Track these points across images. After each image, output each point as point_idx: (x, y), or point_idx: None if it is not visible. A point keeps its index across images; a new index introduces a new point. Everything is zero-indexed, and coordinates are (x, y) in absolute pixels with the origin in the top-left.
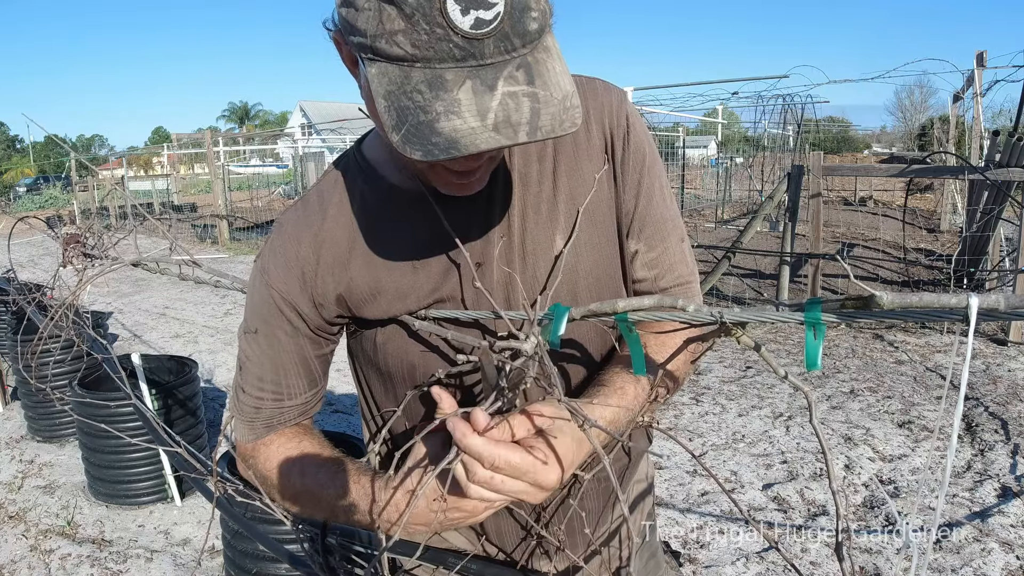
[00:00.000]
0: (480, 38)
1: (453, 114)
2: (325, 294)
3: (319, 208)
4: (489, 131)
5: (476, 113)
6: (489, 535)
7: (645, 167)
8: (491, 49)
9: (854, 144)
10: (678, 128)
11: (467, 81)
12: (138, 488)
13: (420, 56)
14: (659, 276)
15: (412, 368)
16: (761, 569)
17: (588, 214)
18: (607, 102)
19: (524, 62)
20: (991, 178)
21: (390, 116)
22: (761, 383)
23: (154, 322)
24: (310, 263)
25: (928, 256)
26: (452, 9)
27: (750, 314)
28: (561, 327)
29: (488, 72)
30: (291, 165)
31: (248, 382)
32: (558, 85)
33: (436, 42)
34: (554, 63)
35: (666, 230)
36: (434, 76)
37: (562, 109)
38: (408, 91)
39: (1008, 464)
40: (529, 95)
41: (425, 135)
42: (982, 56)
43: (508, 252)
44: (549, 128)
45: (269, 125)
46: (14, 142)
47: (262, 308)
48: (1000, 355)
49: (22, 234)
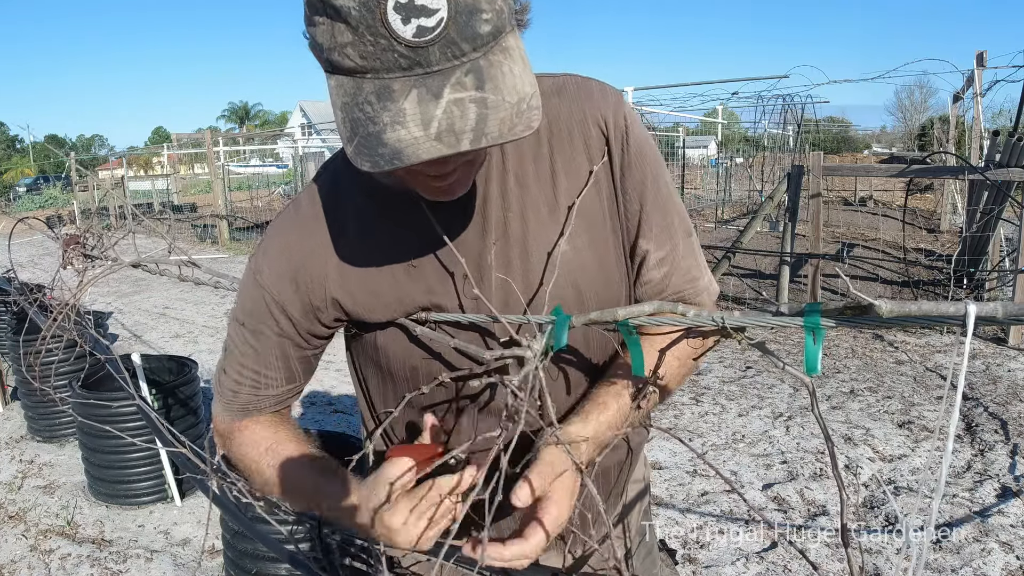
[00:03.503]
0: (424, 46)
1: (399, 124)
2: (321, 298)
3: (312, 211)
4: (431, 140)
5: (420, 123)
6: (491, 530)
7: (647, 166)
8: (437, 56)
9: (854, 144)
10: (678, 128)
11: (413, 91)
12: (138, 488)
13: (368, 67)
14: (669, 274)
15: (414, 371)
16: (761, 569)
17: (588, 216)
18: (603, 104)
19: (475, 66)
20: (991, 178)
21: (345, 128)
22: (761, 383)
23: (154, 322)
24: (304, 267)
25: (928, 256)
26: (393, 19)
27: (750, 318)
28: (564, 335)
29: (435, 80)
30: (291, 165)
31: (231, 365)
32: (513, 88)
33: (381, 52)
34: (511, 65)
35: (673, 227)
36: (382, 87)
37: (515, 113)
38: (360, 102)
39: (1008, 464)
40: (476, 100)
41: (373, 146)
42: (982, 56)
43: (507, 253)
44: (497, 134)
45: (269, 125)
46: (14, 142)
47: (251, 305)
48: (1000, 355)
49: (22, 234)
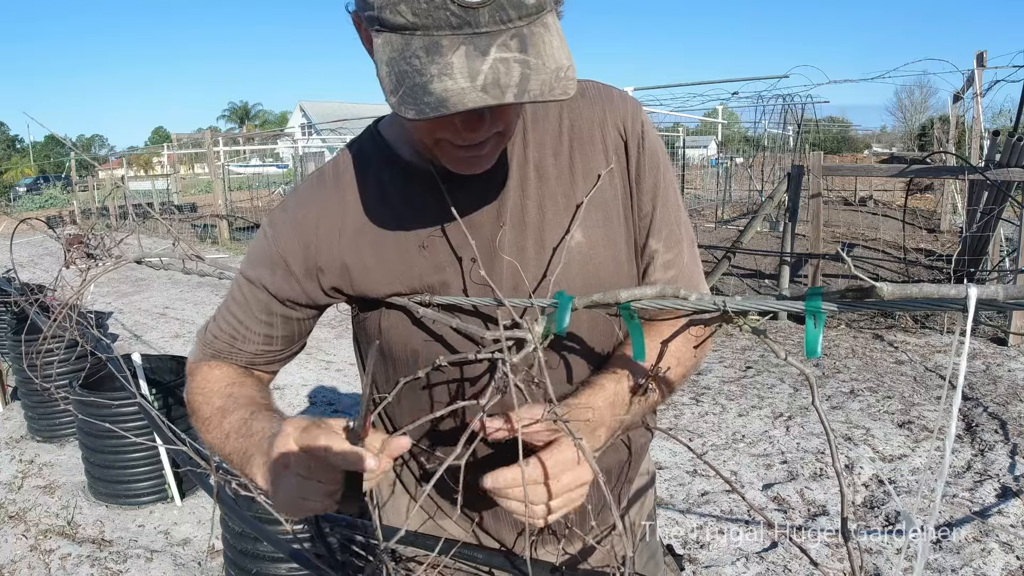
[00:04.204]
0: (476, 7)
1: (446, 76)
2: (327, 260)
3: (334, 180)
4: (477, 91)
5: (467, 75)
6: (488, 527)
7: (660, 172)
8: (486, 18)
9: (854, 144)
10: (678, 128)
11: (461, 47)
12: (138, 488)
13: (420, 24)
14: (675, 278)
15: (415, 355)
16: (761, 569)
17: (605, 211)
18: (623, 108)
19: (519, 33)
20: (991, 178)
21: (390, 80)
22: (761, 383)
23: (154, 322)
24: (317, 228)
25: (928, 256)
26: None
27: (752, 303)
28: (566, 317)
29: (482, 39)
30: (291, 165)
31: (222, 315)
32: (552, 57)
33: (434, 10)
34: (551, 38)
35: (680, 234)
36: (431, 43)
37: (554, 78)
38: (407, 56)
39: (1008, 464)
40: (520, 61)
41: (419, 95)
42: (982, 56)
43: (521, 241)
44: (538, 92)
45: (269, 125)
46: (14, 142)
47: (256, 256)
48: (1000, 355)
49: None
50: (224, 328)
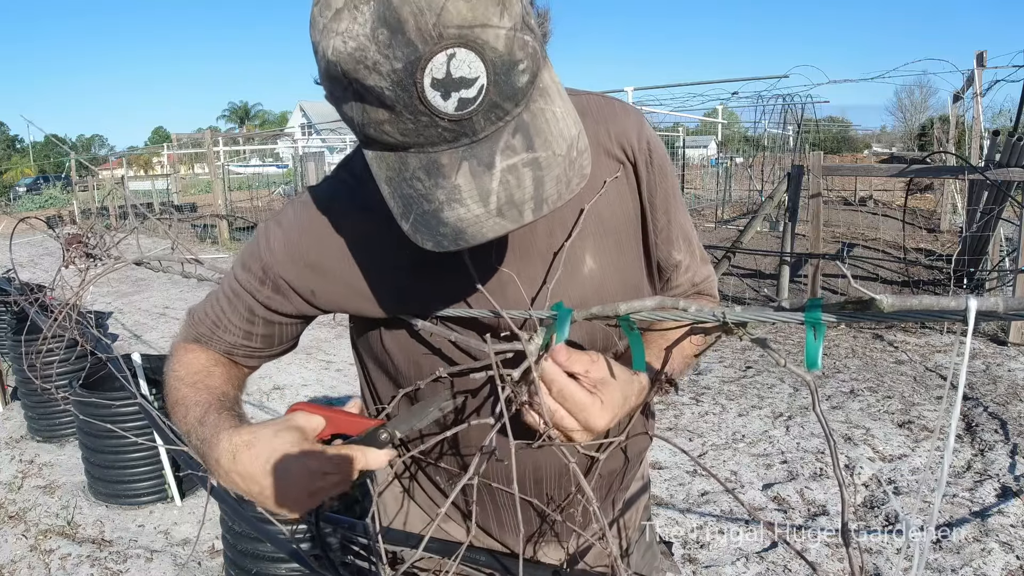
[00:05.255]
0: (468, 117)
1: (456, 202)
2: (322, 286)
3: (328, 200)
4: (494, 217)
5: (478, 198)
6: (490, 529)
7: (668, 182)
8: (482, 124)
9: (854, 144)
10: (678, 128)
11: (463, 163)
12: (138, 488)
13: (411, 143)
14: (691, 278)
15: (418, 367)
16: (761, 569)
17: (616, 234)
18: (627, 123)
19: (520, 123)
20: (991, 178)
21: (396, 204)
22: (761, 383)
23: (154, 322)
24: (310, 254)
25: (928, 256)
26: (432, 96)
27: (751, 314)
28: (566, 328)
29: (483, 148)
30: (291, 165)
31: (208, 300)
32: (560, 136)
33: (424, 128)
34: (554, 107)
35: (690, 235)
36: (430, 161)
37: (567, 166)
38: (408, 178)
39: (1008, 464)
40: (530, 163)
41: (432, 225)
42: (982, 56)
43: (530, 270)
44: (556, 196)
45: (269, 125)
46: (14, 142)
47: (251, 266)
48: (1000, 355)
49: (22, 234)
50: (208, 314)
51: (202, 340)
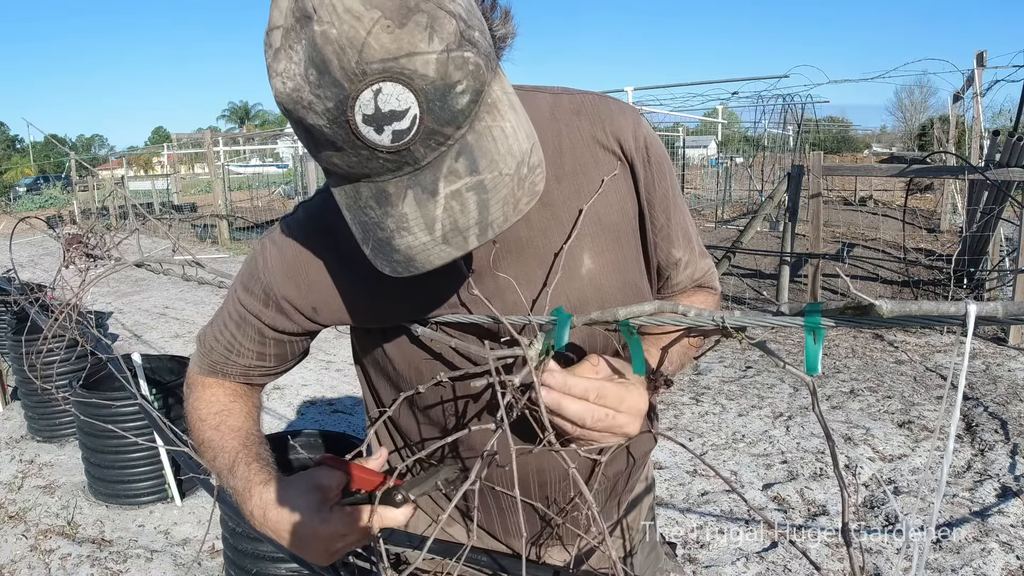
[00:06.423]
0: (406, 147)
1: (404, 230)
2: (323, 302)
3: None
4: (440, 244)
5: (424, 226)
6: (496, 532)
7: (667, 180)
8: (422, 152)
9: (854, 144)
10: (678, 128)
11: (408, 192)
12: (138, 488)
13: (360, 173)
14: (691, 274)
15: (419, 373)
16: (761, 569)
17: (614, 233)
18: (623, 122)
19: (464, 145)
20: (991, 178)
21: (357, 230)
22: (761, 383)
23: (154, 322)
24: (308, 273)
25: (928, 256)
26: (366, 131)
27: (750, 318)
28: (565, 333)
29: (426, 175)
30: (291, 165)
31: (216, 324)
32: (508, 153)
33: (367, 161)
34: (503, 123)
35: (689, 231)
36: (378, 191)
37: (516, 184)
38: (362, 206)
39: (1008, 464)
40: (474, 187)
41: (387, 252)
42: (982, 56)
43: (529, 272)
44: (502, 219)
45: (269, 125)
46: (14, 142)
47: (252, 287)
48: (1000, 355)
49: (22, 234)
50: (219, 339)
51: (218, 367)
